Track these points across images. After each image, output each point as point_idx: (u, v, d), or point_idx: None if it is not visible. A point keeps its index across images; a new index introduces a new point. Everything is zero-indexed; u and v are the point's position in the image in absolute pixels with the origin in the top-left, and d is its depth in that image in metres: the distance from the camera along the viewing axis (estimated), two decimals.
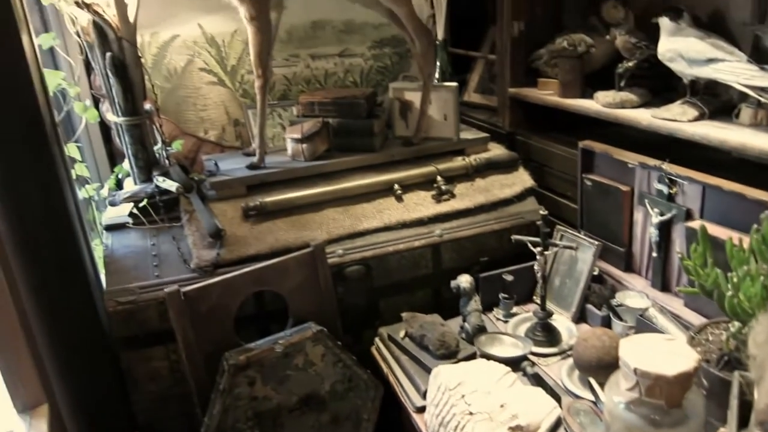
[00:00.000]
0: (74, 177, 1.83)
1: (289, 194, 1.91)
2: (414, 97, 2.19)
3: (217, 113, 2.45)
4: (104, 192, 2.16)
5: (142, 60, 1.85)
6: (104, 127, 2.19)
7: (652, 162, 1.65)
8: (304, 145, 2.01)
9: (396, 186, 2.00)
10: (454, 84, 2.17)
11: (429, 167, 2.07)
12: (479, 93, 2.70)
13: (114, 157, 2.31)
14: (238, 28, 2.37)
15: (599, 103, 1.86)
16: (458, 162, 2.13)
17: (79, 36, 1.75)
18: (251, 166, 1.99)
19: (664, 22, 1.61)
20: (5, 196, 1.50)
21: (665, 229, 1.66)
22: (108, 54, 1.73)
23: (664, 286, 1.72)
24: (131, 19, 1.76)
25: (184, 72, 2.37)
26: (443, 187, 2.03)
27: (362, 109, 2.05)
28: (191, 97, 2.40)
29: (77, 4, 1.67)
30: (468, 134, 2.27)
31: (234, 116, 2.47)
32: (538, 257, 1.70)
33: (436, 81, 2.26)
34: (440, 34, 2.36)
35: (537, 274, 1.73)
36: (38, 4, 1.87)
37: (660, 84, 1.86)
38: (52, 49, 1.89)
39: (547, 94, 2.09)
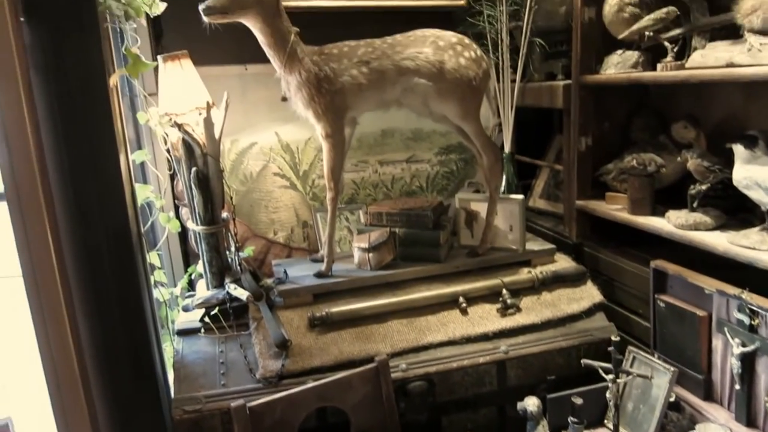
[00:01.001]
0: (152, 282, 1.91)
1: (355, 305, 1.93)
2: (480, 208, 2.21)
3: (287, 215, 2.54)
4: (177, 290, 2.25)
5: (223, 171, 1.97)
6: (182, 227, 2.31)
7: (731, 290, 1.59)
8: (371, 255, 2.05)
9: (461, 299, 1.99)
10: (521, 196, 2.19)
11: (494, 280, 2.06)
12: (544, 199, 2.70)
13: (188, 256, 2.41)
14: (311, 136, 2.49)
15: (671, 224, 1.83)
16: (524, 275, 2.11)
17: (169, 152, 1.89)
18: (318, 275, 2.03)
19: (739, 150, 1.59)
20: (89, 299, 1.60)
21: (748, 360, 1.57)
22: (193, 169, 1.86)
23: (750, 421, 1.60)
24: (216, 136, 1.89)
25: (259, 176, 2.49)
26: (509, 301, 2.00)
27: (429, 221, 2.09)
28: (264, 200, 2.51)
29: (167, 121, 1.81)
30: (534, 245, 2.26)
31: (303, 218, 2.56)
32: (610, 385, 1.63)
33: (502, 193, 2.29)
34: (507, 146, 2.41)
35: (609, 401, 1.65)
36: (134, 120, 2.04)
37: (735, 205, 1.82)
38: (142, 163, 2.04)
39: (616, 209, 2.07)
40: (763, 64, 1.47)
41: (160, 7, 1.97)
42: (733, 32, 1.69)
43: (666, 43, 1.81)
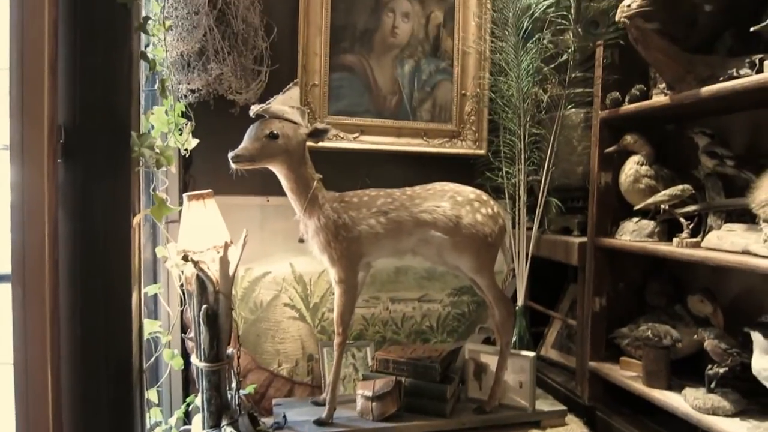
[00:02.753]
0: (148, 419, 1.86)
1: None
2: (490, 360, 2.16)
3: (293, 347, 2.50)
4: (173, 420, 2.18)
5: (233, 310, 1.96)
6: (184, 350, 2.27)
7: None
8: (374, 404, 1.99)
9: None
10: (532, 354, 2.14)
11: None
12: (556, 349, 2.64)
13: (188, 383, 2.35)
14: (325, 269, 2.49)
15: (688, 403, 1.76)
16: None
17: (182, 288, 1.90)
18: (318, 422, 1.96)
19: (758, 338, 1.55)
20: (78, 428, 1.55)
21: None
22: (204, 306, 1.85)
23: None
24: (231, 273, 1.90)
25: (269, 306, 2.48)
26: None
27: (436, 374, 2.04)
28: (271, 330, 2.48)
29: (185, 259, 1.83)
30: (544, 404, 2.18)
31: (309, 351, 2.51)
32: None
33: (513, 347, 2.24)
34: (520, 299, 2.39)
35: None
36: (153, 249, 2.07)
37: (755, 388, 1.75)
38: (155, 294, 2.05)
39: (631, 377, 2.01)
40: None
41: (192, 143, 2.07)
42: (749, 212, 1.71)
43: (681, 219, 1.83)
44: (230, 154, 1.78)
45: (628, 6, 1.74)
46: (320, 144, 2.37)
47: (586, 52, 2.13)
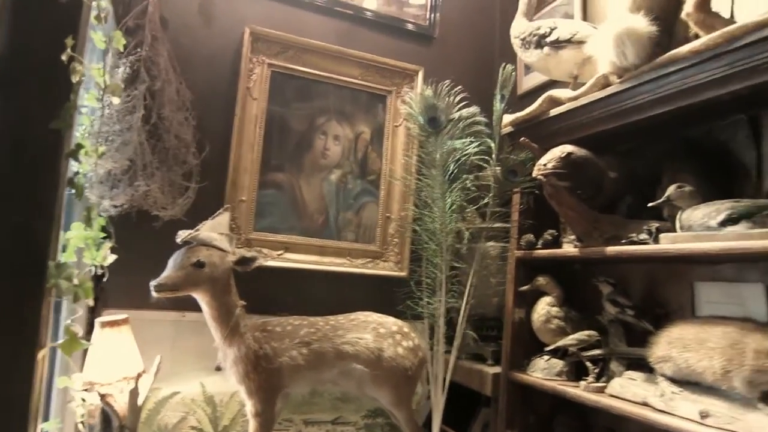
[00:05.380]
0: None
1: None
2: None
3: None
4: None
5: None
6: None
7: None
8: None
9: None
10: None
11: None
12: None
13: None
14: (237, 390, 2.41)
15: None
16: None
17: (83, 423, 1.76)
18: None
19: None
20: None
21: None
22: None
23: None
24: (140, 404, 1.80)
25: (174, 429, 2.34)
26: None
27: None
28: None
29: (89, 389, 1.72)
30: None
31: None
32: None
33: None
34: (435, 427, 2.39)
35: None
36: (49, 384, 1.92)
37: None
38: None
39: None
40: (675, 415, 1.58)
41: (108, 260, 1.99)
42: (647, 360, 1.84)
43: (588, 363, 1.94)
44: (152, 283, 1.74)
45: (544, 165, 1.91)
46: None
47: (505, 197, 2.29)
